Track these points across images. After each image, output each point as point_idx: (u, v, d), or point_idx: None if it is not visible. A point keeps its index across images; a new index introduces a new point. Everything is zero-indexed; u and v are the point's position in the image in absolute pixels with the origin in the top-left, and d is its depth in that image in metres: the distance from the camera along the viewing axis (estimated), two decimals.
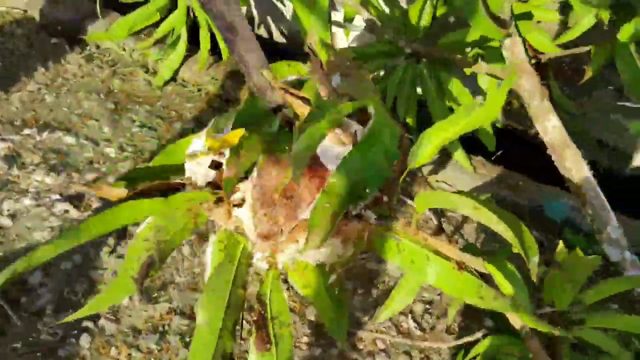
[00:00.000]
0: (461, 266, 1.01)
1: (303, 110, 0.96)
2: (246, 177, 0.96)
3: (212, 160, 1.01)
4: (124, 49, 2.39)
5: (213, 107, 2.29)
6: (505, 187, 2.26)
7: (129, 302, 1.54)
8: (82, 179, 1.84)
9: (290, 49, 2.60)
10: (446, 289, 1.00)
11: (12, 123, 1.97)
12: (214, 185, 1.06)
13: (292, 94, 1.00)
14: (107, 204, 1.79)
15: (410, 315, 1.62)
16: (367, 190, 0.90)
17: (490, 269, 0.96)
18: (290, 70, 1.12)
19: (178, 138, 2.09)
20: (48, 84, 2.19)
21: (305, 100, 0.98)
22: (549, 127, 1.29)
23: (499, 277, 0.98)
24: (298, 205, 0.92)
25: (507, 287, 0.97)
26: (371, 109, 0.95)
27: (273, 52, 1.59)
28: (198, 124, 2.19)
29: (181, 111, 2.23)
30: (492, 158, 2.40)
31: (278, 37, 2.60)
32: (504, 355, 1.28)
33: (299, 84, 1.06)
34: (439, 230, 1.22)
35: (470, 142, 2.13)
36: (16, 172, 1.80)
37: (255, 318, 0.99)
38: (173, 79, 2.34)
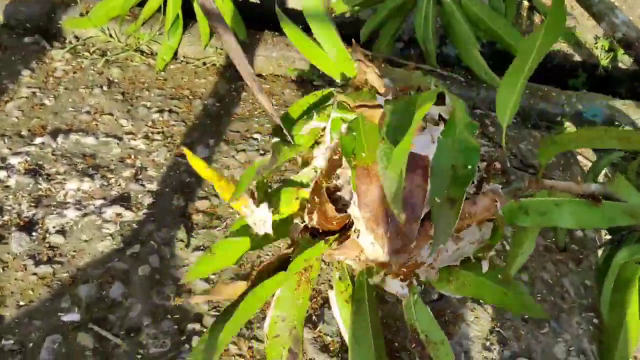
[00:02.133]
0: (597, 199, 0.94)
1: (379, 83, 0.88)
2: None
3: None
4: (110, 35, 2.15)
5: (226, 78, 2.10)
6: (538, 99, 2.21)
7: None
8: (120, 178, 1.64)
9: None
10: (589, 225, 0.94)
11: (19, 134, 1.73)
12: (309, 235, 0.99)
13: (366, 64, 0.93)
14: (160, 196, 1.61)
15: None
16: (469, 167, 0.81)
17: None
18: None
19: (202, 114, 1.92)
20: (41, 86, 1.94)
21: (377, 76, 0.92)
22: None
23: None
24: (414, 204, 0.81)
25: None
26: (445, 93, 0.87)
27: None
28: (217, 97, 2.01)
29: (194, 88, 2.04)
30: None
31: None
32: None
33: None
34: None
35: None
36: (44, 185, 1.58)
37: (414, 345, 0.90)
38: (174, 57, 2.14)
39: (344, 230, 0.96)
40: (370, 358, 0.87)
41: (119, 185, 1.63)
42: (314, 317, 1.36)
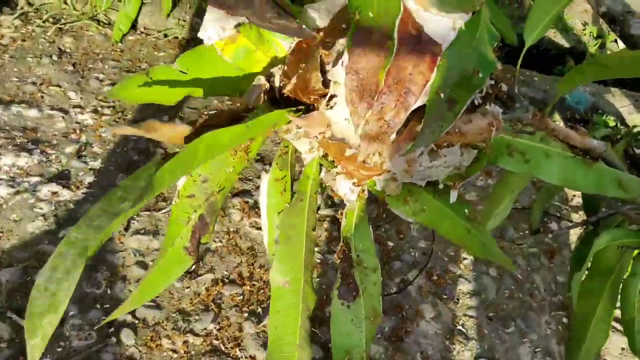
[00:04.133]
0: (594, 157, 0.82)
1: None
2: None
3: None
4: (65, 2, 2.01)
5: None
6: (519, 83, 2.10)
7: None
8: (62, 154, 1.51)
9: None
10: (575, 186, 0.83)
11: None
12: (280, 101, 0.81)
13: None
14: (103, 175, 1.48)
15: None
16: (480, 75, 0.68)
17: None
18: None
19: None
20: None
21: None
22: None
23: None
24: (409, 90, 0.68)
25: None
26: None
27: None
28: None
29: (153, 62, 1.90)
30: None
31: None
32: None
33: None
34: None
35: None
36: None
37: (339, 261, 0.77)
38: (132, 27, 2.00)
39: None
40: (299, 262, 0.75)
41: (59, 161, 1.50)
42: (258, 309, 1.24)
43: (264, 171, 0.82)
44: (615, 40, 2.80)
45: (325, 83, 0.75)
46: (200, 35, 0.66)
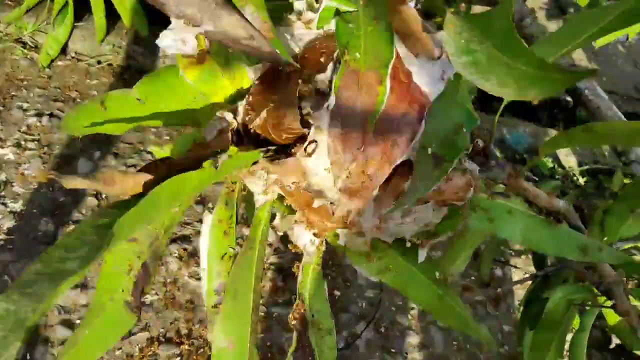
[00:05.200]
0: (558, 219, 0.80)
1: None
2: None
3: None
4: None
5: (124, 79, 1.85)
6: None
7: None
8: None
9: None
10: (538, 247, 0.81)
11: None
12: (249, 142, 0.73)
13: None
14: (25, 220, 1.34)
15: None
16: (465, 130, 0.64)
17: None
18: None
19: None
20: None
21: None
22: None
23: None
24: (395, 143, 0.63)
25: None
26: None
27: None
28: None
29: (84, 90, 1.78)
30: None
31: None
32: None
33: None
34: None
35: None
36: None
37: (294, 321, 0.71)
38: (62, 52, 1.86)
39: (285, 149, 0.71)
40: (246, 320, 0.68)
41: None
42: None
43: (207, 210, 0.74)
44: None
45: (304, 122, 0.67)
46: (158, 43, 0.57)
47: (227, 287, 0.71)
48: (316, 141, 0.66)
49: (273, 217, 0.77)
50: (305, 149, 0.67)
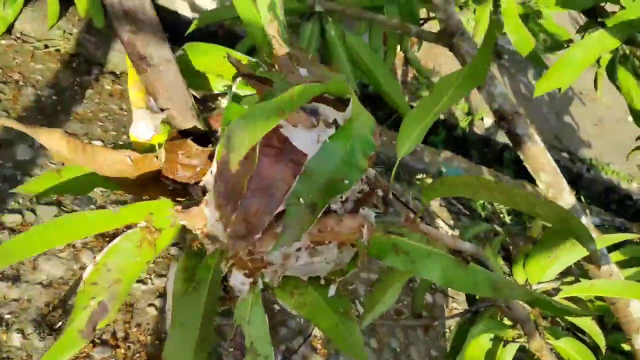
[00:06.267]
0: (465, 259, 0.90)
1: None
2: None
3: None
4: None
5: (72, 68, 1.78)
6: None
7: None
8: None
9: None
10: (455, 286, 0.90)
11: None
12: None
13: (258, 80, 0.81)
14: None
15: None
16: (346, 182, 0.73)
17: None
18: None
19: (33, 107, 1.59)
20: None
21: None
22: None
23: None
24: (272, 195, 0.73)
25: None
26: (348, 96, 0.79)
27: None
28: (56, 90, 1.68)
29: (28, 74, 1.69)
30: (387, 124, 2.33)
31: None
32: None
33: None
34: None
35: None
36: None
37: (232, 349, 0.77)
38: (7, 32, 1.77)
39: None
40: (191, 345, 0.73)
41: None
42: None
43: (175, 259, 0.78)
44: (482, 118, 3.09)
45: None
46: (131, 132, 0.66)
47: (173, 318, 0.76)
48: (208, 200, 0.77)
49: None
50: (205, 202, 0.77)
